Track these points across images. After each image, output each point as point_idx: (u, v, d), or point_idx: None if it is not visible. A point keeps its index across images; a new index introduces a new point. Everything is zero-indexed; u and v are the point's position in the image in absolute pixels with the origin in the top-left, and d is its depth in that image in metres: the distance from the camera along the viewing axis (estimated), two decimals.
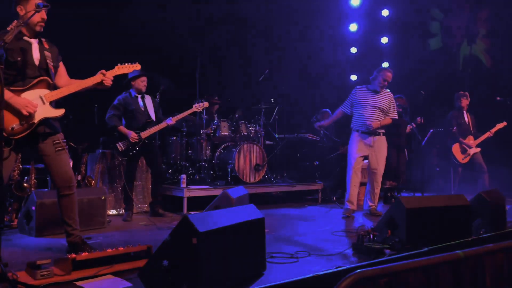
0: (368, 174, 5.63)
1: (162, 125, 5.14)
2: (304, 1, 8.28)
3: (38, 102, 3.12)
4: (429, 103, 7.33)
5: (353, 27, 9.10)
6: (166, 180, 6.02)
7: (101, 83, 3.35)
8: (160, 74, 6.24)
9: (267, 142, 7.34)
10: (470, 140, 6.74)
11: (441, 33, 9.17)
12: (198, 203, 5.68)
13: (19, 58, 3.09)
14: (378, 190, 5.55)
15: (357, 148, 5.35)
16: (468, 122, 6.82)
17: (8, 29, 2.94)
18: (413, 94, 7.10)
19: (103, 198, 4.51)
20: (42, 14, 3.14)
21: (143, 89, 5.16)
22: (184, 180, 5.58)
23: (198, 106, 5.49)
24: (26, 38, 3.17)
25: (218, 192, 4.89)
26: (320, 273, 2.03)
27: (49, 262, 2.68)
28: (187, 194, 5.47)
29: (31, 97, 3.11)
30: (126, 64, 3.50)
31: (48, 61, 3.22)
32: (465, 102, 6.81)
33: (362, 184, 6.76)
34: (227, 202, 3.93)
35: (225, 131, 6.50)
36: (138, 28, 6.66)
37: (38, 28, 3.18)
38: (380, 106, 5.35)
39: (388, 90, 5.55)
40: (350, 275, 1.44)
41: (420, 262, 1.72)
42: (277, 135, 7.45)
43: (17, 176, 4.57)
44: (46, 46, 3.27)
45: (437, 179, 7.19)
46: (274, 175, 6.87)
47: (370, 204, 5.52)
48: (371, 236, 3.49)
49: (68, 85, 3.30)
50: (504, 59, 8.24)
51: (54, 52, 3.32)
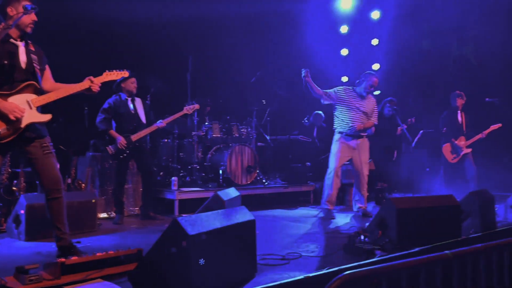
0: (354, 177, 5.63)
1: (153, 127, 5.12)
2: (295, 2, 8.30)
3: (25, 107, 3.09)
4: (419, 104, 7.38)
5: (344, 29, 9.15)
6: (157, 182, 6.00)
7: (88, 89, 3.32)
8: (150, 76, 6.22)
9: (259, 144, 7.34)
10: (461, 140, 6.75)
11: (432, 33, 9.24)
12: (190, 206, 5.66)
13: (6, 62, 3.05)
14: (365, 192, 5.55)
15: (341, 150, 5.35)
16: (461, 122, 6.82)
17: None
18: (404, 95, 7.15)
19: (94, 201, 4.48)
20: (33, 16, 3.13)
21: (134, 90, 5.13)
22: (175, 182, 5.56)
23: (189, 109, 5.48)
24: (12, 40, 3.14)
25: (209, 194, 4.88)
26: (310, 274, 2.03)
27: (38, 267, 2.65)
28: (179, 196, 5.45)
29: (18, 101, 3.07)
30: (114, 71, 3.48)
31: (34, 64, 3.19)
32: (460, 102, 6.81)
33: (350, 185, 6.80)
34: (219, 204, 3.92)
35: (216, 133, 6.49)
36: (127, 29, 6.62)
37: (28, 29, 3.16)
38: (365, 110, 5.39)
39: (371, 95, 5.55)
40: (339, 277, 1.44)
41: (409, 262, 1.72)
42: (268, 137, 7.46)
43: (5, 180, 4.53)
44: (32, 48, 3.24)
45: (427, 180, 7.24)
46: (266, 177, 6.87)
47: (360, 205, 5.54)
48: (362, 237, 3.51)
49: (55, 90, 3.27)
50: (493, 60, 8.32)
51: (40, 55, 3.29)
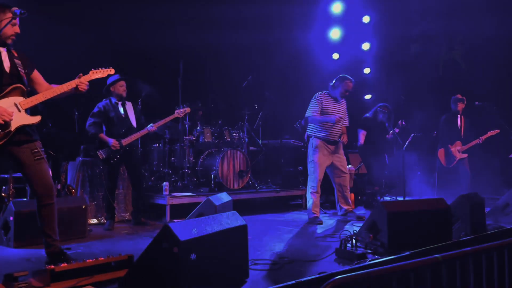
0: (335, 180, 5.55)
1: (143, 131, 5.10)
2: (285, 6, 8.34)
3: (13, 110, 3.07)
4: (409, 108, 7.43)
5: (335, 34, 9.19)
6: (148, 187, 5.97)
7: (76, 89, 3.31)
8: (141, 80, 6.20)
9: (251, 148, 7.34)
10: (458, 145, 6.74)
11: (421, 38, 9.33)
12: (182, 211, 5.64)
13: None
14: (348, 193, 5.57)
15: (321, 156, 5.34)
16: (460, 126, 6.83)
17: None
18: (394, 99, 7.19)
19: (84, 207, 4.44)
20: (16, 28, 3.14)
21: (123, 93, 5.10)
22: (167, 187, 5.53)
23: (180, 112, 5.46)
24: None
25: (201, 199, 4.86)
26: (302, 279, 2.03)
27: (27, 274, 2.62)
28: (170, 201, 5.42)
29: (6, 104, 3.06)
30: (100, 69, 3.47)
31: (19, 68, 3.18)
32: (461, 107, 6.78)
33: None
34: (210, 209, 3.91)
35: (208, 138, 6.48)
36: (118, 33, 6.60)
37: (9, 41, 3.17)
38: (341, 114, 5.41)
39: (344, 98, 5.55)
40: (330, 282, 1.44)
41: (399, 266, 1.73)
42: (260, 141, 7.46)
43: None
44: (15, 54, 3.24)
45: (418, 183, 7.28)
46: (258, 181, 6.86)
47: (347, 207, 5.53)
48: (354, 241, 3.52)
49: (43, 91, 3.27)
50: (482, 65, 8.42)
51: (24, 59, 3.28)
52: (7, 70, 3.13)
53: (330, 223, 5.25)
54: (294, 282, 2.06)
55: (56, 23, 6.01)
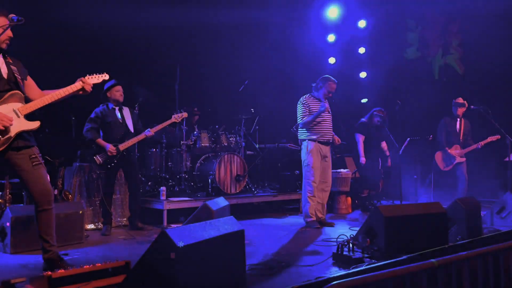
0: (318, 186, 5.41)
1: (141, 136, 5.10)
2: (282, 11, 8.38)
3: (12, 116, 3.09)
4: (405, 112, 7.46)
5: (331, 38, 9.24)
6: (145, 192, 5.96)
7: (81, 89, 3.35)
8: (138, 85, 6.21)
9: (248, 152, 7.34)
10: (456, 149, 6.69)
11: (417, 43, 9.39)
12: (179, 215, 5.64)
13: None
14: (326, 201, 5.48)
15: (317, 159, 5.31)
16: (459, 130, 6.79)
17: None
18: (390, 103, 7.21)
19: (81, 212, 4.43)
20: (9, 32, 3.15)
21: (120, 99, 5.11)
22: (164, 192, 5.53)
23: (177, 117, 5.46)
24: None
25: (198, 203, 4.86)
26: (298, 284, 2.04)
27: (24, 281, 2.61)
28: (167, 206, 5.42)
29: (5, 110, 3.07)
30: (94, 74, 3.49)
31: (16, 74, 3.20)
32: (461, 111, 6.72)
33: (343, 193, 6.83)
34: (208, 214, 3.91)
35: (205, 142, 6.48)
36: (115, 38, 6.61)
37: (4, 45, 3.17)
38: (328, 115, 5.41)
39: (327, 99, 5.53)
40: (326, 287, 1.45)
41: (395, 271, 1.74)
42: (257, 145, 7.47)
43: None
44: (10, 60, 3.25)
45: (415, 187, 7.30)
46: (255, 186, 6.86)
47: (320, 215, 5.39)
48: (351, 245, 3.53)
49: (41, 97, 3.28)
50: (477, 69, 8.47)
51: (19, 66, 3.30)
52: (5, 76, 3.15)
53: (327, 227, 5.25)
54: (290, 287, 2.07)
55: (54, 24, 6.01)
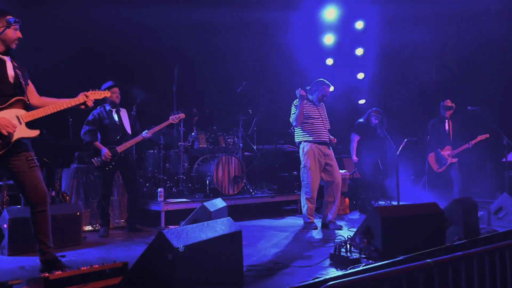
0: (327, 185, 5.43)
1: (138, 138, 5.10)
2: (280, 12, 8.39)
3: (15, 122, 3.11)
4: (403, 112, 7.48)
5: (328, 39, 9.26)
6: (143, 194, 5.96)
7: (83, 104, 3.43)
8: (136, 87, 6.21)
9: (246, 154, 7.35)
10: (448, 149, 6.77)
11: (414, 43, 9.41)
12: (177, 217, 5.64)
13: None
14: (338, 202, 5.37)
15: (315, 160, 5.28)
16: (448, 131, 6.87)
17: None
18: (387, 104, 7.24)
19: (79, 214, 4.43)
20: (18, 33, 3.17)
21: (117, 100, 5.11)
22: (161, 193, 5.53)
23: (174, 118, 5.46)
24: None
25: (196, 205, 4.86)
26: (295, 285, 2.04)
27: (21, 282, 2.61)
28: (165, 208, 5.42)
29: (8, 116, 3.10)
30: (97, 90, 3.59)
31: (21, 79, 3.22)
32: (449, 113, 6.84)
33: (341, 193, 6.84)
34: (205, 215, 3.91)
35: (203, 143, 6.49)
36: (112, 40, 6.61)
37: (14, 45, 3.19)
38: (323, 117, 5.42)
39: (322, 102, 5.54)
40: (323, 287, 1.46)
41: (392, 272, 1.75)
42: (255, 146, 7.48)
43: None
44: (15, 64, 3.27)
45: (412, 187, 7.32)
46: (253, 187, 6.87)
47: (332, 217, 5.30)
48: (348, 246, 3.53)
49: (42, 104, 3.32)
50: (475, 69, 8.50)
51: (23, 70, 3.31)
52: (11, 80, 3.17)
53: (326, 229, 5.26)
54: None
55: (52, 27, 6.00)
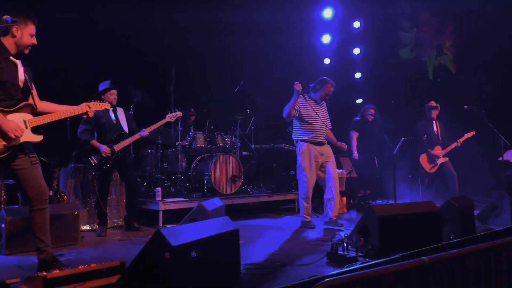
0: (324, 183, 5.42)
1: (136, 137, 5.11)
2: (277, 12, 8.40)
3: (22, 126, 3.15)
4: (400, 112, 7.51)
5: (326, 39, 9.28)
6: (141, 193, 5.96)
7: (84, 113, 3.52)
8: (133, 86, 6.21)
9: (244, 153, 7.36)
10: (438, 150, 6.87)
11: (411, 43, 9.45)
12: (174, 216, 5.65)
13: (10, 79, 3.12)
14: (338, 198, 5.38)
15: (312, 159, 5.29)
16: (437, 131, 6.98)
17: None
18: (384, 103, 7.26)
19: (76, 213, 4.44)
20: (34, 39, 3.24)
21: (114, 102, 5.13)
22: (159, 193, 5.53)
23: (171, 116, 5.45)
24: (12, 58, 3.20)
25: (194, 204, 4.87)
26: (292, 283, 2.06)
27: (19, 281, 2.62)
28: (163, 207, 5.42)
29: (16, 119, 3.13)
30: (98, 101, 3.73)
31: (29, 84, 3.27)
32: (435, 114, 6.99)
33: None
34: (203, 214, 3.93)
35: (200, 143, 6.49)
36: (110, 39, 6.60)
37: (27, 51, 3.25)
38: (323, 116, 5.43)
39: (324, 101, 5.55)
40: (318, 284, 1.47)
41: (387, 269, 1.76)
42: (253, 146, 7.49)
43: None
44: (23, 68, 3.30)
45: (409, 186, 7.35)
46: (251, 186, 6.88)
47: (332, 215, 5.30)
48: (345, 244, 3.55)
49: (43, 108, 3.37)
50: (470, 69, 8.54)
51: (29, 74, 3.35)
52: (21, 85, 3.22)
53: (322, 227, 5.28)
54: (283, 286, 2.09)
55: (50, 26, 5.99)
